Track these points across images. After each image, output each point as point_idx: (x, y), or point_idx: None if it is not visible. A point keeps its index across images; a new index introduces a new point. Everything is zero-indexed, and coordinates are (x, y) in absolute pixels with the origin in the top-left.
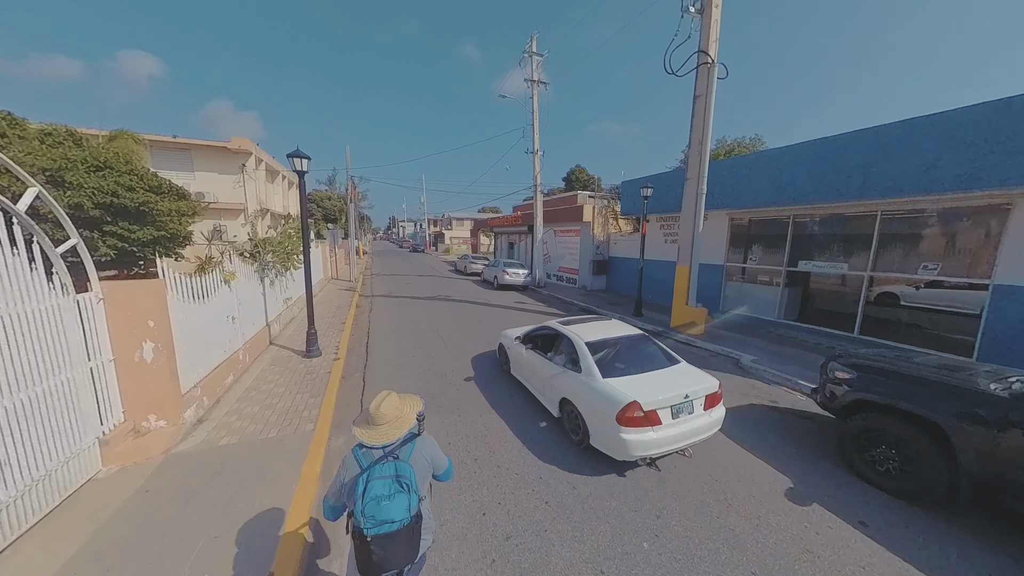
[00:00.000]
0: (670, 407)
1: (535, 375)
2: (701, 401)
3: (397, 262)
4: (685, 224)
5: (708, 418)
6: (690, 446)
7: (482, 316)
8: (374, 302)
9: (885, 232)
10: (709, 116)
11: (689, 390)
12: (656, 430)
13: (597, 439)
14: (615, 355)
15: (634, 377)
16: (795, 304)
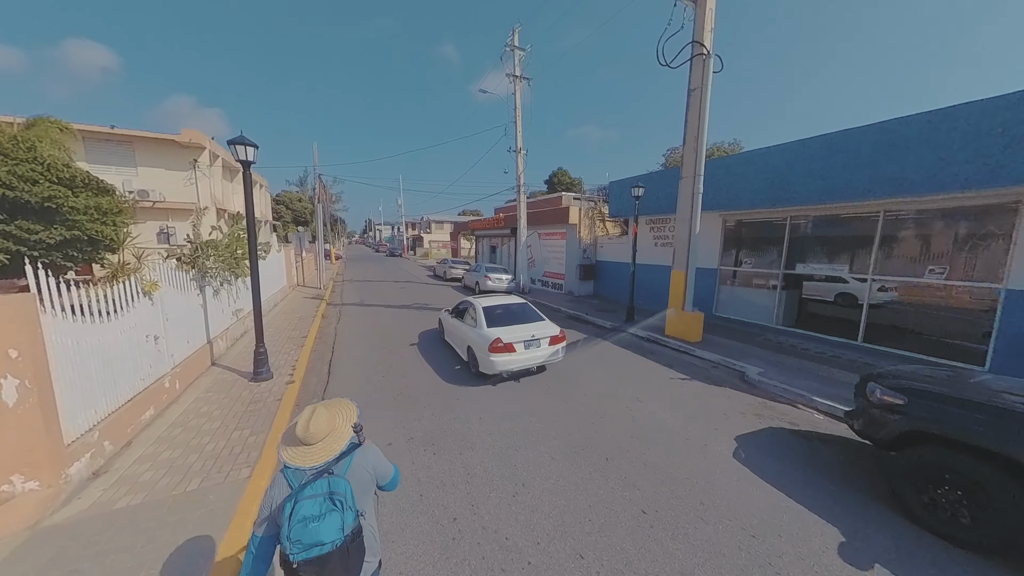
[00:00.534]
0: (523, 342)
1: (455, 335)
2: (547, 340)
3: (372, 267)
4: (681, 226)
5: (550, 350)
6: (537, 365)
7: None
8: (343, 311)
9: (889, 234)
10: (705, 111)
11: (537, 333)
12: (513, 355)
13: (482, 365)
14: (500, 315)
15: (507, 327)
16: (793, 309)
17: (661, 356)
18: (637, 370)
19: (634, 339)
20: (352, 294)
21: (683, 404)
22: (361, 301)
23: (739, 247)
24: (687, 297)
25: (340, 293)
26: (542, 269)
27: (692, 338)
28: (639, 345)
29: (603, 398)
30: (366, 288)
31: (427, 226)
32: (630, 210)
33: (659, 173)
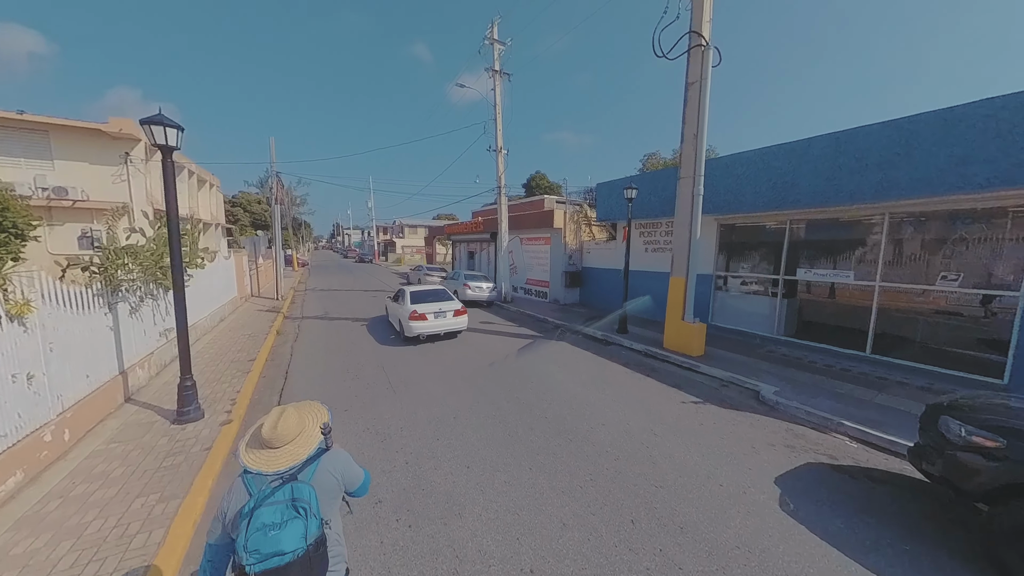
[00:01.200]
0: (433, 313)
1: (392, 313)
2: (452, 312)
3: (340, 275)
4: (680, 230)
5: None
6: (446, 331)
7: (444, 345)
8: (303, 327)
9: (896, 237)
10: (704, 105)
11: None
12: (426, 322)
13: (407, 331)
14: (423, 296)
15: (425, 304)
16: (794, 318)
17: (665, 374)
18: (643, 393)
19: (632, 354)
20: (315, 305)
21: (704, 436)
22: (325, 314)
23: (735, 252)
24: (687, 306)
25: (301, 304)
26: (524, 276)
27: (694, 351)
28: (638, 361)
29: (615, 434)
30: (331, 298)
31: (400, 230)
32: (620, 213)
33: (651, 175)
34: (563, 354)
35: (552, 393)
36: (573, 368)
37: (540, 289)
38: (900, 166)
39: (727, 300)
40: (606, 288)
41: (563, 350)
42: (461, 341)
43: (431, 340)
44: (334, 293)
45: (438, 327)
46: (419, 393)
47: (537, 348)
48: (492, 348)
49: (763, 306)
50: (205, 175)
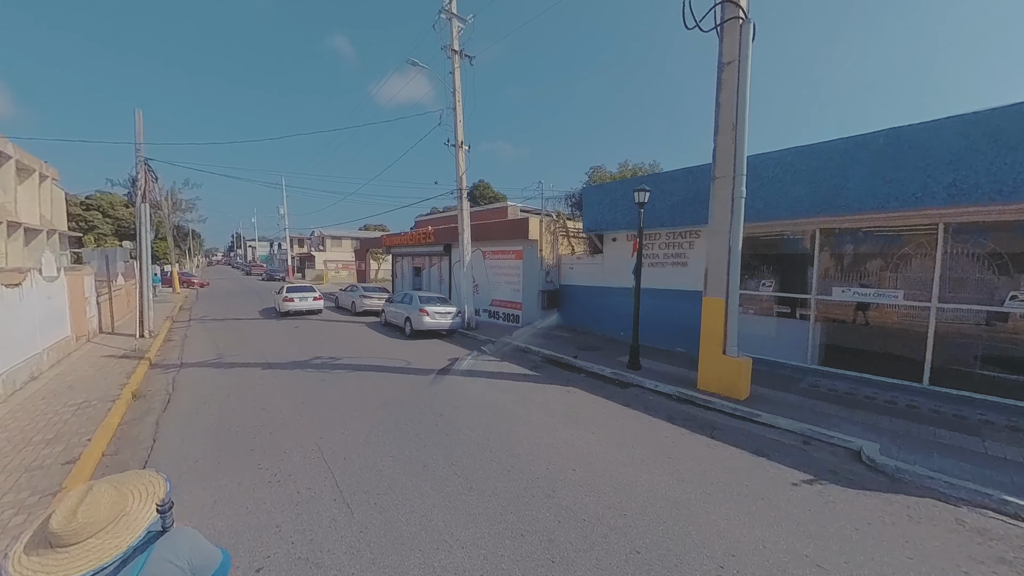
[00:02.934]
0: (436, 312)
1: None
2: (452, 313)
3: (241, 297)
4: (715, 239)
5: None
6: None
7: (413, 412)
8: (180, 383)
9: (957, 251)
10: (744, 91)
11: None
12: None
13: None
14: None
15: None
16: (831, 344)
17: (729, 433)
18: (730, 473)
19: (664, 400)
20: (203, 344)
21: (875, 552)
22: (218, 358)
23: (753, 268)
24: (729, 335)
25: (181, 343)
26: (488, 296)
27: (739, 394)
28: (681, 413)
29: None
30: (230, 332)
31: (320, 242)
32: (612, 222)
33: (651, 178)
34: (581, 407)
35: (622, 494)
36: (607, 431)
37: (510, 311)
38: (979, 167)
39: (745, 324)
40: (590, 309)
41: (576, 400)
42: (443, 397)
43: (396, 400)
44: (234, 324)
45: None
46: (412, 527)
47: (541, 398)
48: (482, 404)
49: (792, 331)
50: (31, 161)
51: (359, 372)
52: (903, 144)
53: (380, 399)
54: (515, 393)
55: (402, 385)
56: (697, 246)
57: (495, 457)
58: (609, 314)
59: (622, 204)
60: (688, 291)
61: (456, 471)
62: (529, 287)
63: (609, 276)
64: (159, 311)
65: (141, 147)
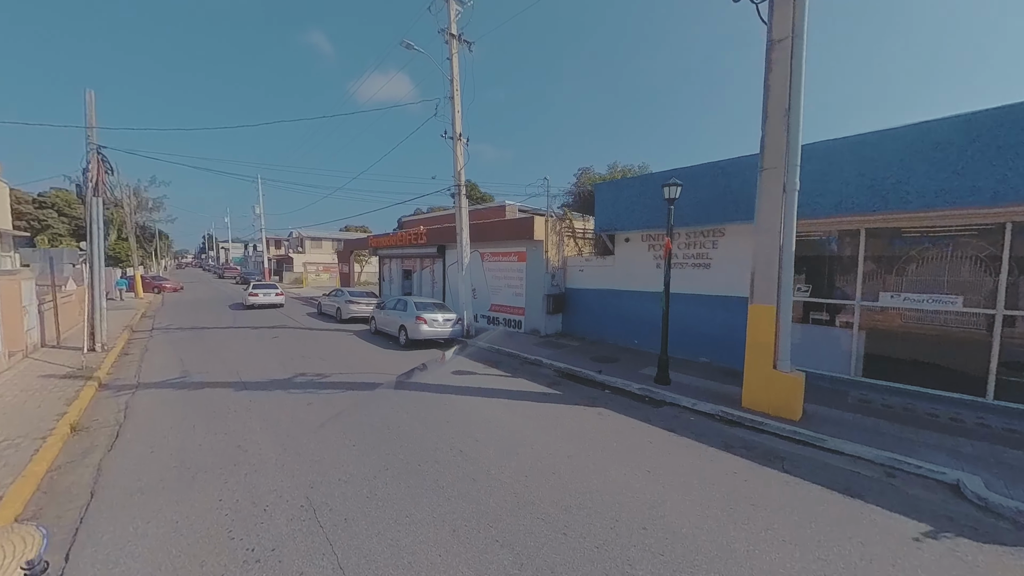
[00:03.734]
0: (434, 319)
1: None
2: (451, 321)
3: (211, 302)
4: (764, 239)
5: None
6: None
7: (426, 447)
8: (135, 409)
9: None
10: (799, 71)
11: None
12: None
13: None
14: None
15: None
16: (876, 354)
17: (799, 464)
18: (810, 517)
19: (709, 423)
20: (166, 359)
21: None
22: (183, 376)
23: None
24: (781, 347)
25: (140, 358)
26: (487, 301)
27: (792, 413)
28: (725, 435)
29: None
30: (198, 343)
31: (299, 243)
32: (630, 221)
33: (672, 173)
34: (621, 436)
35: (723, 566)
36: (664, 468)
37: (511, 317)
38: None
39: None
40: (600, 314)
41: (612, 426)
42: (459, 425)
43: (402, 430)
44: (204, 333)
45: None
46: None
47: (572, 424)
48: (505, 434)
49: (832, 339)
50: None
51: (353, 392)
52: (974, 132)
53: (382, 429)
54: (540, 418)
55: (406, 409)
56: (721, 246)
57: (541, 512)
58: (621, 320)
59: (640, 202)
60: (712, 296)
61: (496, 535)
62: (533, 291)
63: (621, 279)
64: (117, 319)
65: (93, 132)
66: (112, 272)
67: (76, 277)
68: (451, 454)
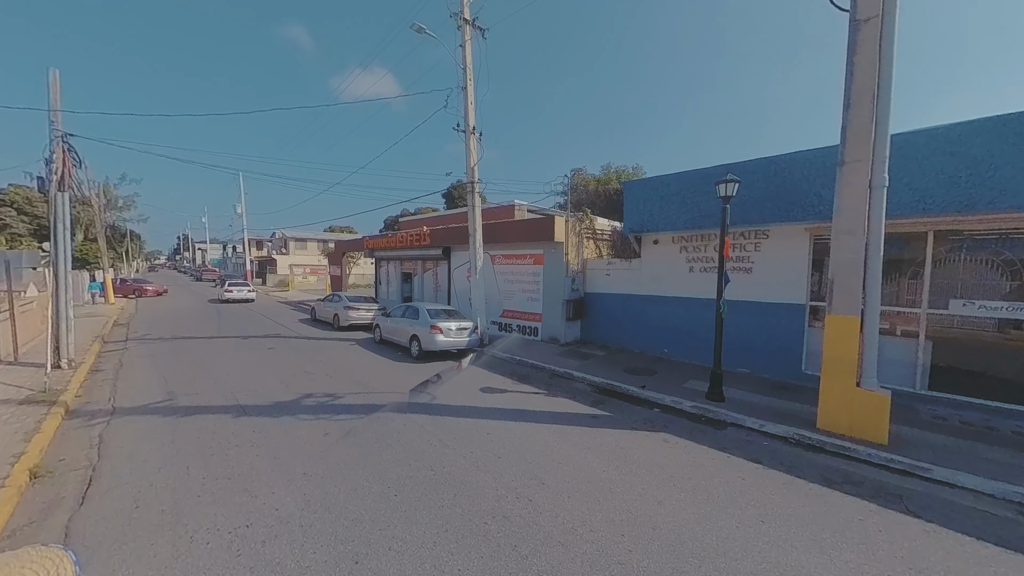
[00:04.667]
0: (449, 328)
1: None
2: (467, 330)
3: (191, 307)
4: (846, 241)
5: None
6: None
7: (482, 496)
8: (110, 442)
9: None
10: (889, 53)
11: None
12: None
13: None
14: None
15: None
16: (943, 365)
17: (915, 501)
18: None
19: (778, 445)
20: (145, 377)
21: None
22: (168, 399)
23: None
24: (866, 363)
25: (115, 376)
26: (499, 307)
27: (878, 437)
28: (816, 464)
29: None
30: (182, 356)
31: (282, 244)
32: (665, 221)
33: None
34: (705, 469)
35: None
36: (778, 516)
37: (527, 324)
38: None
39: None
40: (624, 321)
41: (688, 457)
42: (513, 462)
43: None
44: (186, 346)
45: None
46: None
47: (641, 455)
48: (570, 471)
49: (893, 350)
50: None
51: (375, 418)
52: None
53: (424, 469)
54: (601, 449)
55: (444, 440)
56: (765, 249)
57: None
58: (647, 328)
59: (676, 200)
60: (753, 302)
61: None
62: (551, 296)
63: (648, 283)
64: (86, 328)
65: (58, 116)
66: (80, 276)
67: (38, 282)
68: (519, 504)
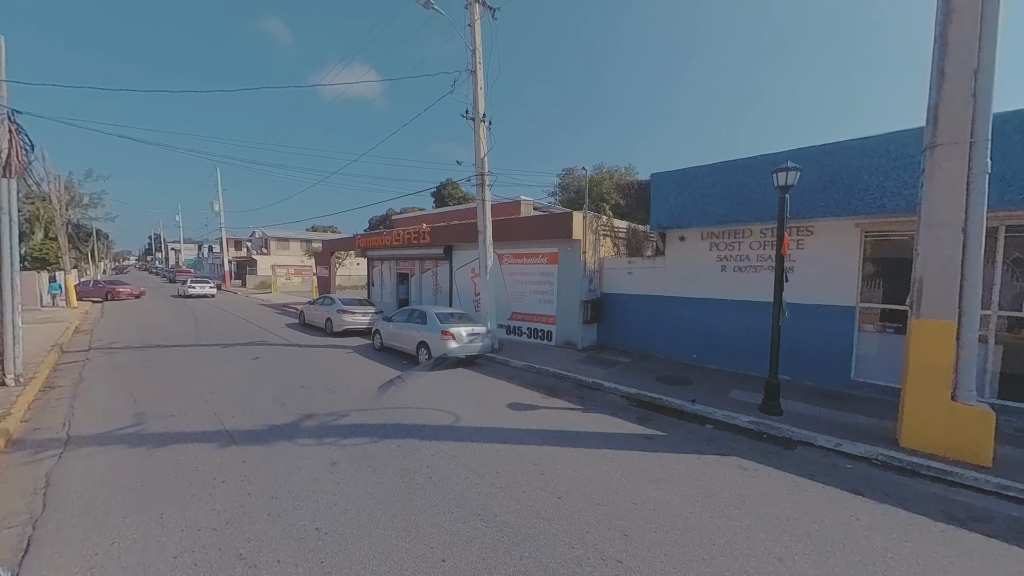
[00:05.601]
0: (460, 334)
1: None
2: (480, 335)
3: (164, 311)
4: (937, 235)
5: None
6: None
7: (556, 553)
8: (60, 484)
9: None
10: (993, 19)
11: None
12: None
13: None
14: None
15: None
16: (1013, 373)
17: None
18: None
19: (863, 469)
20: (110, 394)
21: None
22: (137, 423)
23: (894, 275)
24: (962, 374)
25: (72, 393)
26: (507, 309)
27: (978, 459)
28: (918, 494)
29: None
30: (154, 368)
31: (263, 244)
32: (701, 216)
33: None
34: (802, 508)
35: None
36: (911, 572)
37: (538, 327)
38: None
39: (882, 345)
40: (647, 324)
41: (772, 488)
42: (576, 504)
43: (497, 518)
44: (159, 356)
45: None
46: None
47: (725, 490)
48: (651, 516)
49: None
50: None
51: (393, 445)
52: None
53: (472, 518)
54: (673, 480)
55: (483, 474)
56: (808, 246)
57: None
58: (674, 331)
59: (712, 193)
60: (796, 304)
61: None
62: (567, 298)
63: (674, 284)
64: (41, 336)
65: (2, 88)
66: (37, 277)
67: None
68: (605, 567)
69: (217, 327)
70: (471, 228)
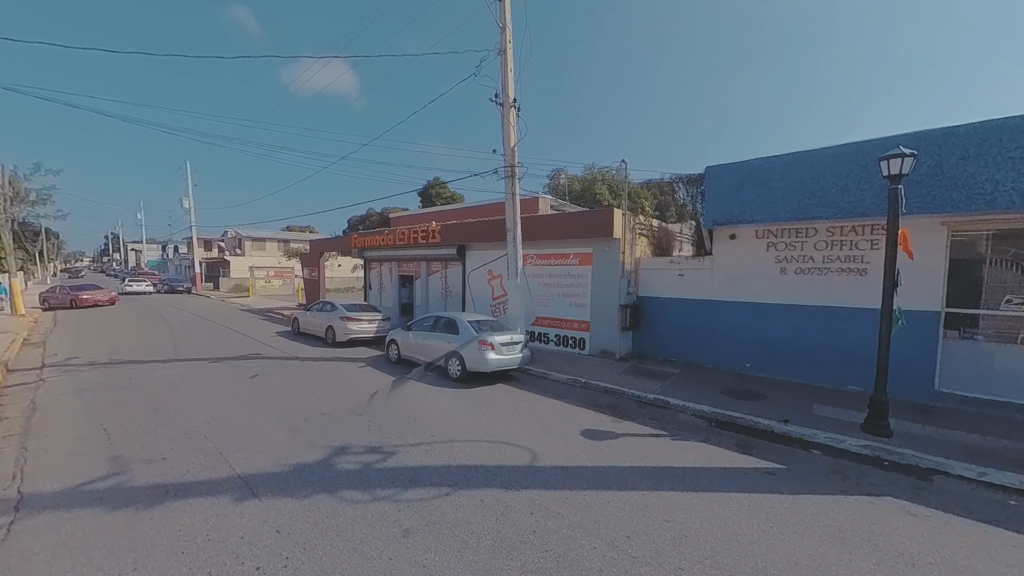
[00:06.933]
0: (501, 344)
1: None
2: (518, 345)
3: (132, 317)
4: None
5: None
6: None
7: None
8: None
9: None
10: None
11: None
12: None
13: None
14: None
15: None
16: None
17: None
18: None
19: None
20: (74, 431)
21: None
22: (116, 470)
23: (983, 275)
24: None
25: (23, 434)
26: (532, 314)
27: None
28: None
29: None
30: (129, 394)
31: (236, 244)
32: (763, 211)
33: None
34: (1006, 571)
35: None
36: None
37: (569, 334)
38: None
39: (972, 353)
40: (690, 331)
41: (954, 542)
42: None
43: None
44: (135, 375)
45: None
46: None
47: (881, 543)
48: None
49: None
50: None
51: (473, 496)
52: None
53: None
54: (836, 536)
55: (616, 544)
56: (884, 245)
57: None
58: (724, 338)
59: (781, 187)
60: (870, 309)
61: None
62: (603, 302)
63: (722, 287)
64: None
65: None
66: None
67: None
68: None
69: (199, 337)
70: (489, 226)
